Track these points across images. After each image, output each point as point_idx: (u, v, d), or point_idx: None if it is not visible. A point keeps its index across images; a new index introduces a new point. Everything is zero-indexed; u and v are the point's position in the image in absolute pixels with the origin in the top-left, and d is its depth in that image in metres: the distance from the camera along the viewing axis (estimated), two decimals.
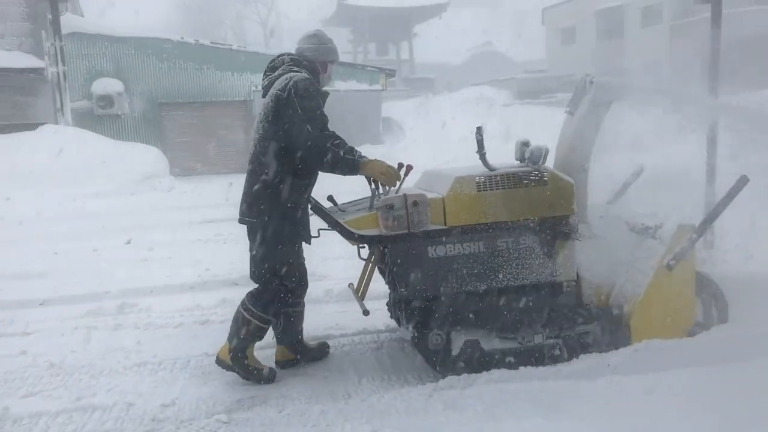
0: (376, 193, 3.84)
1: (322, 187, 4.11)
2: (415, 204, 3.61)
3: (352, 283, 4.34)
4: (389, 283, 4.15)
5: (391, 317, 4.63)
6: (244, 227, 4.00)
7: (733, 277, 4.26)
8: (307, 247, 4.10)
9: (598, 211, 4.29)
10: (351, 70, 21.26)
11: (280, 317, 4.09)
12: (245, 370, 3.94)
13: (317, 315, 5.02)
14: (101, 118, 18.62)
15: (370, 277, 4.19)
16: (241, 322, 3.92)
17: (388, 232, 3.64)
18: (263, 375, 3.97)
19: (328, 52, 4.07)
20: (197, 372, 4.16)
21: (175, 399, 3.75)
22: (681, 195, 4.43)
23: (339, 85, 19.72)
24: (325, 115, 3.76)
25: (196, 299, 5.72)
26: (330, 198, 3.97)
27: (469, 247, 3.73)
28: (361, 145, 3.57)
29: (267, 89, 3.93)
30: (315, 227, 3.97)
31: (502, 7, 56.73)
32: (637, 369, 3.56)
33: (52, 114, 16.29)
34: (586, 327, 3.88)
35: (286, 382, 3.97)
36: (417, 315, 3.79)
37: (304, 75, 3.83)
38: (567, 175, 3.93)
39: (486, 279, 3.76)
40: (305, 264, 4.17)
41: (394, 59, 42.70)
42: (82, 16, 22.40)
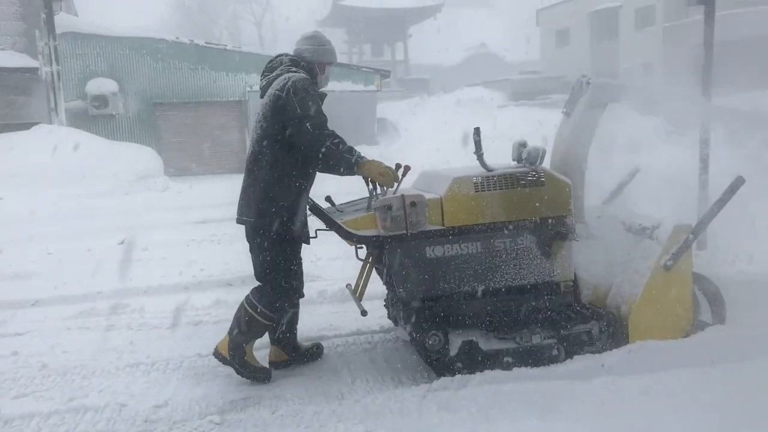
0: (373, 193, 3.82)
1: (321, 187, 4.09)
2: (413, 204, 3.61)
3: (350, 284, 4.33)
4: (387, 283, 4.14)
5: (388, 317, 4.62)
6: (239, 227, 3.98)
7: (731, 278, 4.26)
8: (302, 247, 4.07)
9: (595, 212, 4.29)
10: (346, 70, 21.23)
11: (283, 316, 4.07)
12: (242, 366, 3.91)
13: (311, 316, 5.01)
14: (96, 118, 18.54)
15: (368, 278, 4.18)
16: (244, 318, 3.90)
17: (386, 233, 3.63)
18: (259, 373, 3.95)
19: (326, 53, 4.06)
20: (190, 373, 4.14)
21: (167, 400, 3.73)
22: (676, 195, 4.43)
23: (334, 85, 19.67)
24: (324, 115, 3.74)
25: (190, 300, 5.70)
26: (328, 198, 3.96)
27: (467, 247, 3.72)
28: (356, 145, 3.58)
29: (265, 90, 3.92)
30: (312, 228, 3.96)
31: (496, 9, 56.81)
32: (632, 369, 3.55)
33: (46, 114, 16.20)
34: (584, 327, 3.87)
35: (279, 382, 3.95)
36: (415, 315, 3.78)
37: (302, 75, 3.82)
38: (564, 175, 3.93)
39: (484, 279, 3.75)
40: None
41: (389, 60, 42.82)
42: (76, 15, 22.33)
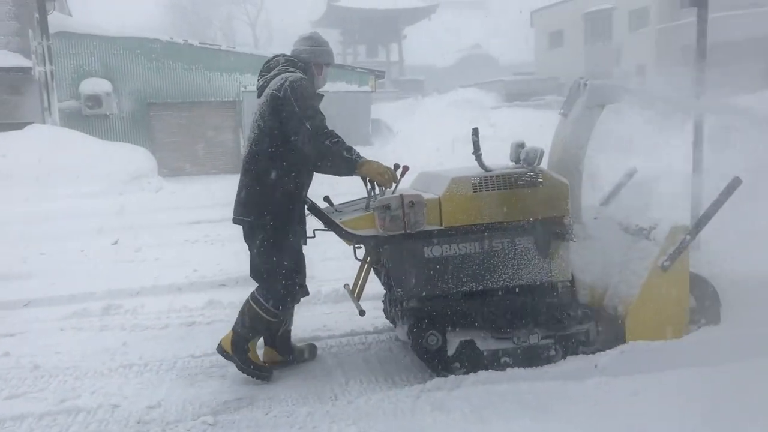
0: (372, 193, 3.81)
1: (320, 187, 4.08)
2: (411, 204, 3.60)
3: (348, 284, 4.32)
4: (385, 283, 4.12)
5: (386, 317, 4.60)
6: (233, 228, 3.96)
7: (727, 278, 4.25)
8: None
9: (592, 212, 4.29)
10: (340, 71, 21.20)
11: (288, 315, 4.05)
12: (244, 363, 3.89)
13: (305, 316, 4.99)
14: (89, 118, 18.45)
15: (366, 278, 4.16)
16: (248, 314, 3.87)
17: (385, 233, 3.62)
18: (261, 371, 3.93)
19: (323, 54, 4.04)
20: (183, 374, 4.11)
21: (160, 401, 3.70)
22: (673, 196, 4.43)
23: (328, 86, 19.34)
24: (323, 114, 3.72)
25: (184, 300, 5.67)
26: (326, 198, 3.95)
27: (465, 247, 3.72)
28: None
29: (262, 90, 3.90)
30: (310, 228, 3.94)
31: (490, 10, 56.92)
32: (625, 370, 3.56)
33: (39, 114, 16.10)
34: (581, 327, 3.87)
35: (273, 383, 3.94)
36: (413, 315, 3.77)
37: (299, 75, 3.81)
38: (561, 176, 3.92)
39: (482, 279, 3.75)
40: None
41: (383, 61, 42.91)
42: (70, 15, 22.24)
